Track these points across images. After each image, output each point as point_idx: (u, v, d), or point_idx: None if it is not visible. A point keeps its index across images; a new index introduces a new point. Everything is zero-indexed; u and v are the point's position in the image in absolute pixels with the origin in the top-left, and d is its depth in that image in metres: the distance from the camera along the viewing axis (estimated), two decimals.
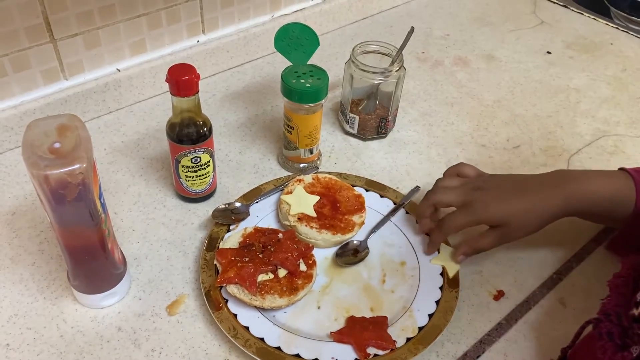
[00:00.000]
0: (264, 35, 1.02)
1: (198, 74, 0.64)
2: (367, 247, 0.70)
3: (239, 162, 0.83)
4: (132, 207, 0.75)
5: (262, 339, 0.59)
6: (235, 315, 0.61)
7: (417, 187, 0.78)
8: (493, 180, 0.69)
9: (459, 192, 0.68)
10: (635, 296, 0.50)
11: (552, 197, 0.65)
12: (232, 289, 0.62)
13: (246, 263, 0.63)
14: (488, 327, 0.64)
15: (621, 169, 0.67)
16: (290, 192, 0.73)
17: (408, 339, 0.60)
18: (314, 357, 0.58)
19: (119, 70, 0.88)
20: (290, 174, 0.81)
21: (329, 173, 0.78)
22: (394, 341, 0.60)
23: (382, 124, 0.87)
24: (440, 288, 0.65)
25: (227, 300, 0.62)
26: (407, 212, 0.75)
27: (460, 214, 0.67)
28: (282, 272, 0.64)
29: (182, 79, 0.63)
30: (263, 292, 0.62)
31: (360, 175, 0.80)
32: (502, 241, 0.67)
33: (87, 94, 0.85)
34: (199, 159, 0.70)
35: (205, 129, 0.69)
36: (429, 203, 0.70)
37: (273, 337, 0.60)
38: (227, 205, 0.73)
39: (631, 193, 0.64)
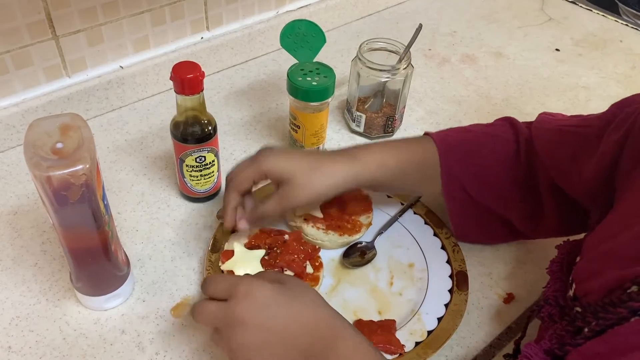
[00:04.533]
0: (269, 32, 1.00)
1: (203, 72, 0.63)
2: (374, 249, 0.69)
3: None
4: (135, 206, 0.74)
5: None
6: None
7: None
8: (287, 148, 0.69)
9: (251, 157, 0.63)
10: (569, 278, 0.52)
11: (341, 164, 0.62)
12: None
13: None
14: (498, 331, 0.63)
15: (426, 134, 0.68)
16: None
17: (417, 343, 0.59)
18: None
19: (122, 68, 0.87)
20: None
21: None
22: (403, 345, 0.59)
23: (389, 122, 0.85)
24: (450, 291, 0.64)
25: None
26: (415, 213, 0.73)
27: (245, 166, 0.62)
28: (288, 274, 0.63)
29: (187, 77, 0.62)
30: None
31: None
32: (286, 201, 0.62)
33: (89, 92, 0.84)
34: (203, 159, 0.69)
35: (210, 128, 0.68)
36: (226, 184, 0.64)
37: None
38: None
39: (431, 157, 0.65)
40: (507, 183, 0.65)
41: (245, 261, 0.62)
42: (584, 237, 0.57)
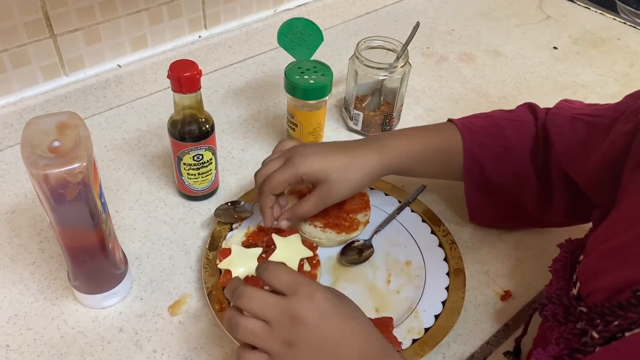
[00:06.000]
0: (267, 30, 1.01)
1: (200, 70, 0.63)
2: (371, 247, 0.69)
3: (241, 160, 0.82)
4: (133, 205, 0.74)
5: None
6: None
7: (423, 186, 0.77)
8: (313, 144, 0.70)
9: (280, 157, 0.65)
10: (573, 277, 0.52)
11: (368, 150, 0.65)
12: None
13: None
14: (495, 328, 0.63)
15: (450, 120, 0.70)
16: (294, 191, 0.72)
17: (414, 341, 0.59)
18: None
19: (119, 66, 0.87)
20: None
21: None
22: (400, 343, 0.59)
23: (387, 120, 0.85)
24: (447, 288, 0.64)
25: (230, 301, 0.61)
26: (412, 211, 0.74)
27: (281, 170, 0.63)
28: None
29: (184, 76, 0.62)
30: None
31: None
32: (323, 201, 0.64)
33: (87, 90, 0.84)
34: (201, 157, 0.69)
35: (207, 126, 0.68)
36: (261, 187, 0.65)
37: None
38: (229, 204, 0.72)
39: (454, 143, 0.67)
40: (526, 163, 0.67)
41: (243, 259, 0.62)
42: (587, 235, 0.57)
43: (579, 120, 0.63)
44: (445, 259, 0.68)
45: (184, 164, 0.70)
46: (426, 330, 0.60)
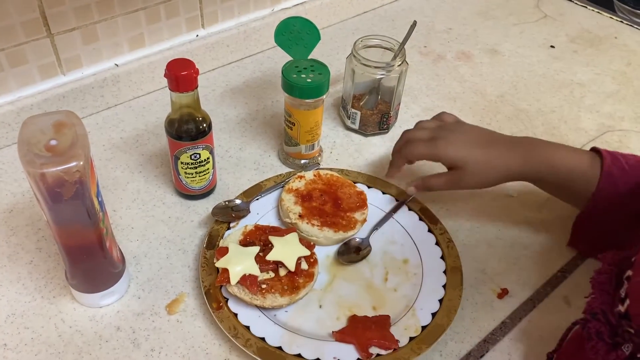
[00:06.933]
0: (264, 29, 1.01)
1: (197, 68, 0.63)
2: (369, 245, 0.69)
3: (239, 159, 0.82)
4: (131, 204, 0.74)
5: (263, 339, 0.58)
6: (235, 315, 0.60)
7: None
8: (465, 127, 0.71)
9: (430, 130, 0.70)
10: (619, 292, 0.49)
11: (514, 153, 0.66)
12: (233, 287, 0.61)
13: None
14: (492, 326, 0.63)
15: (593, 149, 0.67)
16: (291, 190, 0.73)
17: (411, 339, 0.60)
18: (316, 357, 0.57)
19: (117, 65, 0.87)
20: (291, 170, 0.80)
21: (330, 169, 0.77)
22: (397, 341, 0.59)
23: (384, 119, 0.85)
24: (444, 286, 0.65)
25: (228, 299, 0.62)
26: (409, 209, 0.74)
27: (423, 144, 0.69)
28: (283, 271, 0.63)
29: (181, 74, 0.62)
30: (264, 291, 0.61)
31: (362, 171, 0.79)
32: (454, 184, 0.68)
33: (85, 90, 0.84)
34: (198, 156, 0.69)
35: (204, 125, 0.68)
36: (400, 147, 0.72)
37: (274, 337, 0.59)
38: (227, 203, 0.72)
39: (594, 172, 0.63)
40: None
41: (240, 258, 0.62)
42: (637, 250, 0.53)
43: None
44: (443, 257, 0.68)
45: (182, 163, 0.70)
46: (423, 328, 0.60)
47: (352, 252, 0.69)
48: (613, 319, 0.48)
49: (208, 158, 0.71)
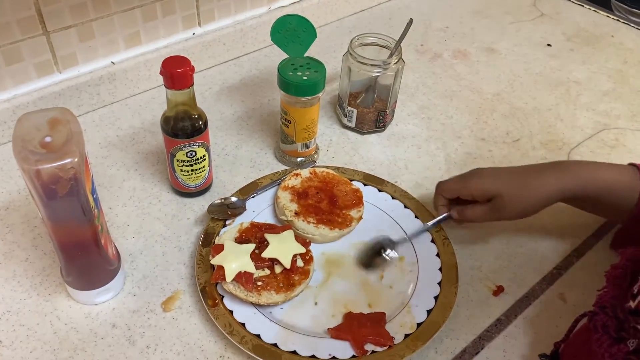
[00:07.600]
0: (261, 28, 1.01)
1: (193, 66, 0.63)
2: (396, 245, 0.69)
3: (235, 156, 0.82)
4: (127, 201, 0.74)
5: (258, 336, 0.58)
6: (231, 312, 0.60)
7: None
8: (493, 168, 0.70)
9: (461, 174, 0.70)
10: (632, 288, 0.49)
11: (550, 176, 0.65)
12: (228, 285, 0.61)
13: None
14: (487, 323, 0.63)
15: (631, 164, 0.66)
16: (287, 187, 0.73)
17: (406, 335, 0.60)
18: (311, 354, 0.57)
19: (113, 63, 0.87)
20: (287, 168, 0.80)
21: (327, 167, 0.77)
22: (392, 337, 0.59)
23: (381, 117, 0.86)
24: (439, 283, 0.65)
25: (223, 297, 0.62)
26: (405, 207, 0.74)
27: (454, 179, 0.70)
28: (278, 268, 0.63)
29: (176, 72, 0.62)
30: (259, 288, 0.61)
31: (358, 169, 0.79)
32: (493, 215, 0.67)
33: (81, 87, 0.84)
34: (194, 153, 0.69)
35: (200, 123, 0.68)
36: (436, 187, 0.72)
37: (269, 334, 0.59)
38: (223, 200, 0.72)
39: (635, 187, 0.63)
40: None
41: (235, 255, 0.62)
42: None
43: None
44: (438, 255, 0.68)
45: (177, 160, 0.70)
46: (419, 325, 0.61)
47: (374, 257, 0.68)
48: (621, 314, 0.48)
49: (204, 155, 0.71)
